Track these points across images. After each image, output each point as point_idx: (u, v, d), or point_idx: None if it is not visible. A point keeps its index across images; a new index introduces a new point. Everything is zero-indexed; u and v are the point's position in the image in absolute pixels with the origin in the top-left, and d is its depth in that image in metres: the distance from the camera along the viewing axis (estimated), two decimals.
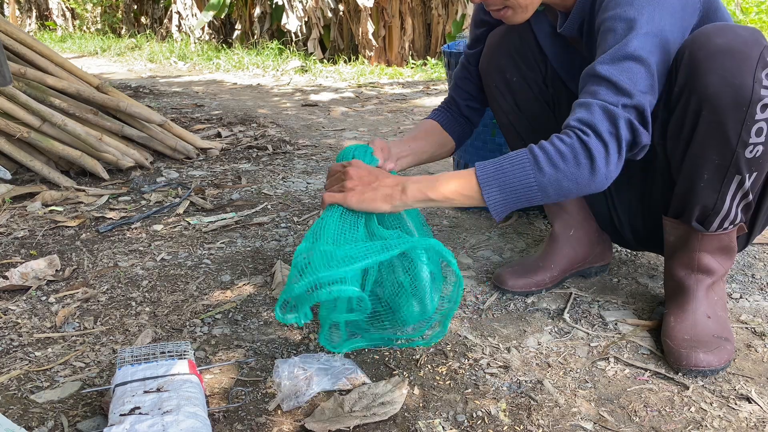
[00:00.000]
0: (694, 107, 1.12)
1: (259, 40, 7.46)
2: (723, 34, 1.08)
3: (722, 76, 1.07)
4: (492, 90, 1.49)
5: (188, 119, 3.73)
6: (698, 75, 1.09)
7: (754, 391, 1.13)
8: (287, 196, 2.27)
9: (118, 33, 10.71)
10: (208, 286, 1.57)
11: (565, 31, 1.29)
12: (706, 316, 1.25)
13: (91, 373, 1.21)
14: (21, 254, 1.77)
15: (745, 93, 1.07)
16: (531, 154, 1.09)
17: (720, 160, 1.14)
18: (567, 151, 1.06)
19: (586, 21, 1.26)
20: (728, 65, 1.07)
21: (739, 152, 1.12)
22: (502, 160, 1.11)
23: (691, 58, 1.10)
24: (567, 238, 1.52)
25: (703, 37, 1.10)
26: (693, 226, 1.23)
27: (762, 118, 1.09)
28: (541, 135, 1.45)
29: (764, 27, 5.82)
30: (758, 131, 1.10)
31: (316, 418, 1.06)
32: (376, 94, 4.86)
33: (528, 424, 1.06)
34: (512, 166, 1.09)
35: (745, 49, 1.07)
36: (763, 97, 1.08)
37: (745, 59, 1.06)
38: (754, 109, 1.08)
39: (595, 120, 1.06)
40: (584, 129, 1.06)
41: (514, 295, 1.49)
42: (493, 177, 1.10)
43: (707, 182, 1.17)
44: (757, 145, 1.11)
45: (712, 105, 1.10)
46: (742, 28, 1.10)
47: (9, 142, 2.31)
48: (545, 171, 1.07)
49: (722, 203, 1.18)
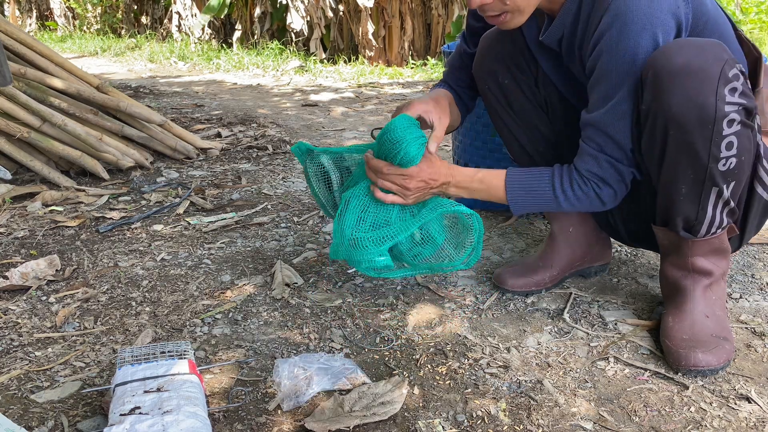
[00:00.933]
0: (662, 127, 1.13)
1: (260, 41, 7.47)
2: (683, 52, 1.09)
3: (685, 97, 1.09)
4: (485, 93, 1.49)
5: (188, 119, 3.73)
6: (662, 96, 1.11)
7: (754, 391, 1.13)
8: (287, 196, 2.27)
9: (118, 33, 10.71)
10: (208, 286, 1.57)
11: (545, 40, 1.30)
12: (705, 316, 1.25)
13: (91, 373, 1.22)
14: (21, 254, 1.77)
15: (708, 111, 1.08)
16: (552, 190, 1.28)
17: (694, 175, 1.15)
18: (583, 197, 1.28)
19: (566, 37, 1.26)
20: (689, 85, 1.08)
21: (711, 167, 1.13)
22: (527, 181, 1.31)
23: (654, 78, 1.11)
24: (566, 237, 1.52)
25: (664, 57, 1.10)
26: (681, 235, 1.24)
27: (730, 132, 1.10)
28: (535, 136, 1.47)
29: (764, 27, 5.82)
30: (728, 145, 1.11)
31: (316, 418, 1.06)
32: (376, 94, 4.86)
33: (528, 423, 1.06)
34: (535, 192, 1.30)
35: (705, 66, 1.07)
36: (728, 113, 1.08)
37: (705, 78, 1.07)
38: (720, 125, 1.09)
39: (606, 175, 1.25)
40: (598, 183, 1.26)
41: (514, 294, 1.49)
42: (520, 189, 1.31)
43: (686, 195, 1.18)
44: (730, 158, 1.12)
45: (678, 125, 1.11)
46: (702, 43, 1.10)
47: (9, 142, 2.31)
48: (562, 206, 1.29)
49: (704, 213, 1.19)
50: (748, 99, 1.11)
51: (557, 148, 1.46)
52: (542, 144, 1.47)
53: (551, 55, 1.37)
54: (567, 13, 1.24)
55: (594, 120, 1.22)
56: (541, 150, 1.48)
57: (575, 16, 1.23)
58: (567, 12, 1.24)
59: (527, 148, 1.50)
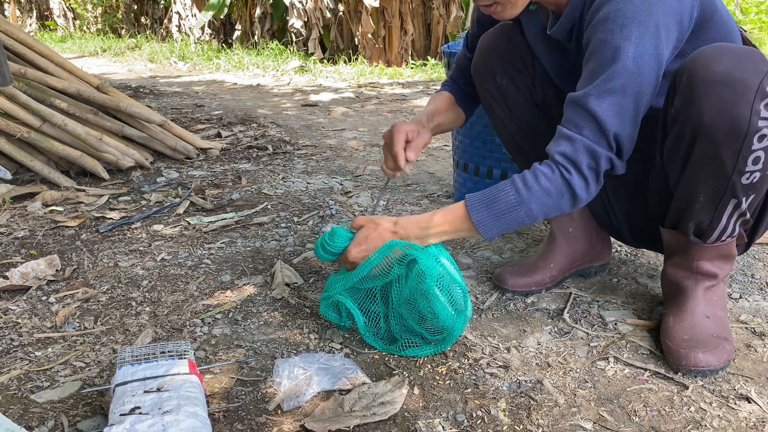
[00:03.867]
0: (690, 134, 1.10)
1: (260, 41, 7.46)
2: (722, 59, 1.05)
3: (718, 108, 1.05)
4: (484, 93, 1.50)
5: (188, 119, 3.73)
6: (694, 103, 1.07)
7: (754, 391, 1.13)
8: (287, 196, 2.27)
9: (119, 33, 10.72)
10: (208, 286, 1.57)
11: (554, 34, 1.28)
12: (705, 316, 1.25)
13: (91, 372, 1.22)
14: (21, 254, 1.77)
15: (741, 125, 1.05)
16: (516, 192, 1.16)
17: (716, 186, 1.13)
18: (551, 188, 1.15)
19: (576, 26, 1.24)
20: (725, 96, 1.04)
21: (735, 180, 1.11)
22: (488, 195, 1.19)
23: (688, 83, 1.08)
24: (566, 237, 1.52)
25: (702, 63, 1.06)
26: (691, 240, 1.24)
27: (759, 148, 1.07)
28: (533, 137, 1.47)
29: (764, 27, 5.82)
30: (755, 160, 1.08)
31: (316, 418, 1.06)
32: (376, 94, 4.86)
33: (528, 423, 1.06)
34: (499, 202, 1.17)
35: (743, 78, 1.03)
36: (761, 129, 1.05)
37: (743, 90, 1.03)
38: (751, 140, 1.06)
39: (578, 157, 1.13)
40: (567, 166, 1.14)
41: (514, 294, 1.49)
42: (482, 206, 1.19)
43: (703, 203, 1.16)
44: (754, 173, 1.10)
45: (707, 135, 1.08)
46: (743, 52, 1.07)
47: (9, 142, 2.31)
48: (531, 207, 1.16)
49: (718, 221, 1.18)
50: None
51: None
52: (541, 145, 1.47)
53: (556, 51, 1.35)
54: (575, 6, 1.21)
55: (577, 97, 1.13)
56: (540, 151, 1.47)
57: (583, 5, 1.20)
58: (575, 5, 1.21)
59: (525, 149, 1.50)
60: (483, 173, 1.99)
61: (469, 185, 2.04)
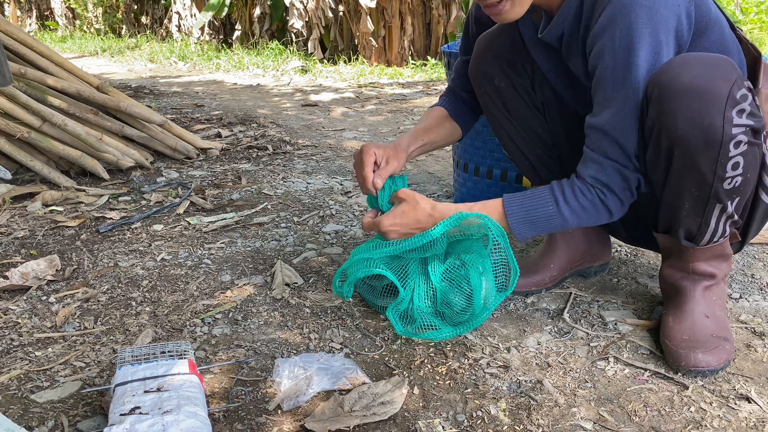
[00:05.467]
0: (666, 146, 1.11)
1: (259, 41, 7.46)
2: (689, 70, 1.05)
3: (691, 119, 1.05)
4: (482, 96, 1.49)
5: (188, 119, 3.73)
6: (668, 116, 1.07)
7: (754, 391, 1.13)
8: (287, 196, 2.27)
9: (119, 33, 10.71)
10: (208, 286, 1.57)
11: (545, 38, 1.27)
12: (705, 316, 1.25)
13: (91, 372, 1.22)
14: (21, 254, 1.77)
15: (715, 134, 1.05)
16: (555, 203, 1.20)
17: (699, 193, 1.13)
18: (589, 207, 1.20)
19: (566, 35, 1.24)
20: (696, 107, 1.04)
21: (717, 186, 1.11)
22: (527, 202, 1.23)
23: (659, 97, 1.08)
24: (566, 237, 1.52)
25: (669, 75, 1.06)
26: (683, 244, 1.24)
27: (737, 153, 1.07)
28: (532, 139, 1.46)
29: (764, 27, 5.82)
30: (734, 165, 1.08)
31: (316, 418, 1.06)
32: (376, 94, 4.86)
33: (528, 423, 1.06)
34: (537, 210, 1.22)
35: (713, 87, 1.03)
36: (735, 135, 1.05)
37: (713, 99, 1.03)
38: (727, 148, 1.06)
39: (611, 182, 1.18)
40: (602, 190, 1.19)
41: (514, 294, 1.49)
42: (520, 210, 1.23)
43: (689, 210, 1.17)
44: (735, 177, 1.10)
45: (682, 146, 1.08)
46: (711, 60, 1.07)
47: (9, 142, 2.31)
48: (567, 219, 1.21)
49: (707, 226, 1.18)
50: (756, 120, 1.07)
51: (554, 150, 1.46)
52: (539, 146, 1.47)
53: (550, 54, 1.35)
54: (568, 8, 1.20)
55: (598, 123, 1.17)
56: (539, 152, 1.47)
57: (577, 11, 1.19)
58: (568, 8, 1.20)
59: (524, 151, 1.49)
60: (483, 173, 1.99)
61: (469, 185, 2.04)
